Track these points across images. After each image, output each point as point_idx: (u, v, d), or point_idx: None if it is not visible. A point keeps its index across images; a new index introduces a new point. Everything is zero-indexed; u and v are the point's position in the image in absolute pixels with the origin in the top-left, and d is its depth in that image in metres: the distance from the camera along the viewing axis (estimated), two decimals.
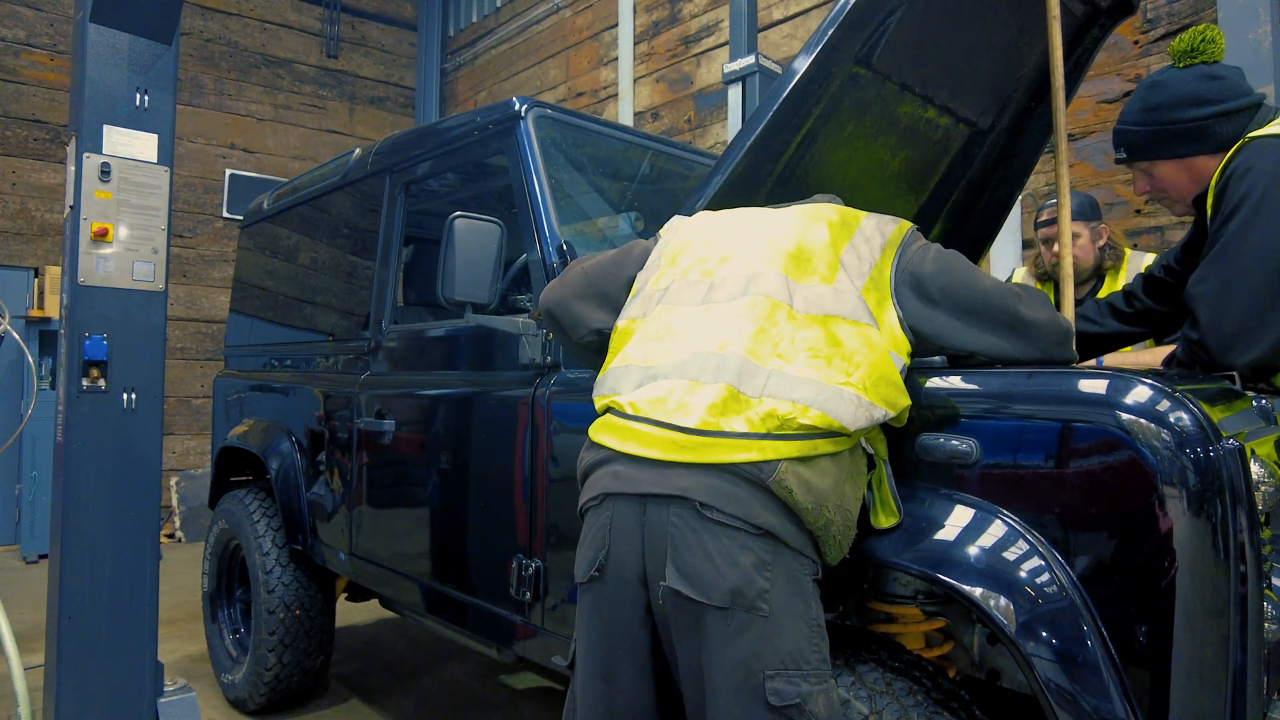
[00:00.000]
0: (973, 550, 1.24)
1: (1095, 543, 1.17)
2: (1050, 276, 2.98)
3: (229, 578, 3.45)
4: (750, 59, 4.06)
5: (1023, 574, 1.20)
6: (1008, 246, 3.93)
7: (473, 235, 1.96)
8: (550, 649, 1.94)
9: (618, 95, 6.25)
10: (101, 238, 2.41)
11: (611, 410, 1.36)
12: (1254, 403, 1.34)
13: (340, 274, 3.07)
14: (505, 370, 2.20)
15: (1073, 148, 3.81)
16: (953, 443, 1.31)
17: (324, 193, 3.16)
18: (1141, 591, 1.12)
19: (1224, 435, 1.12)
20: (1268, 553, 1.16)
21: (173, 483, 6.52)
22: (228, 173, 7.20)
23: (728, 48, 4.85)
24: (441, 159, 2.55)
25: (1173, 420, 1.12)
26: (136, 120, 2.48)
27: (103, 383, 2.42)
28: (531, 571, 1.99)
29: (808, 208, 1.49)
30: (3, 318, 2.63)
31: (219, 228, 7.16)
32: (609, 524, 1.29)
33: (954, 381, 1.36)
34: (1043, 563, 1.19)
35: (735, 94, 4.12)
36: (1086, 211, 2.87)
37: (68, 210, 2.49)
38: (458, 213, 1.97)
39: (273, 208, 3.57)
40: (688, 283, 1.42)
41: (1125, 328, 1.97)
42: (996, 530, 1.24)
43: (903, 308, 1.35)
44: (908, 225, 1.47)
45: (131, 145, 2.47)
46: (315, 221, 3.28)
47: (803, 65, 1.65)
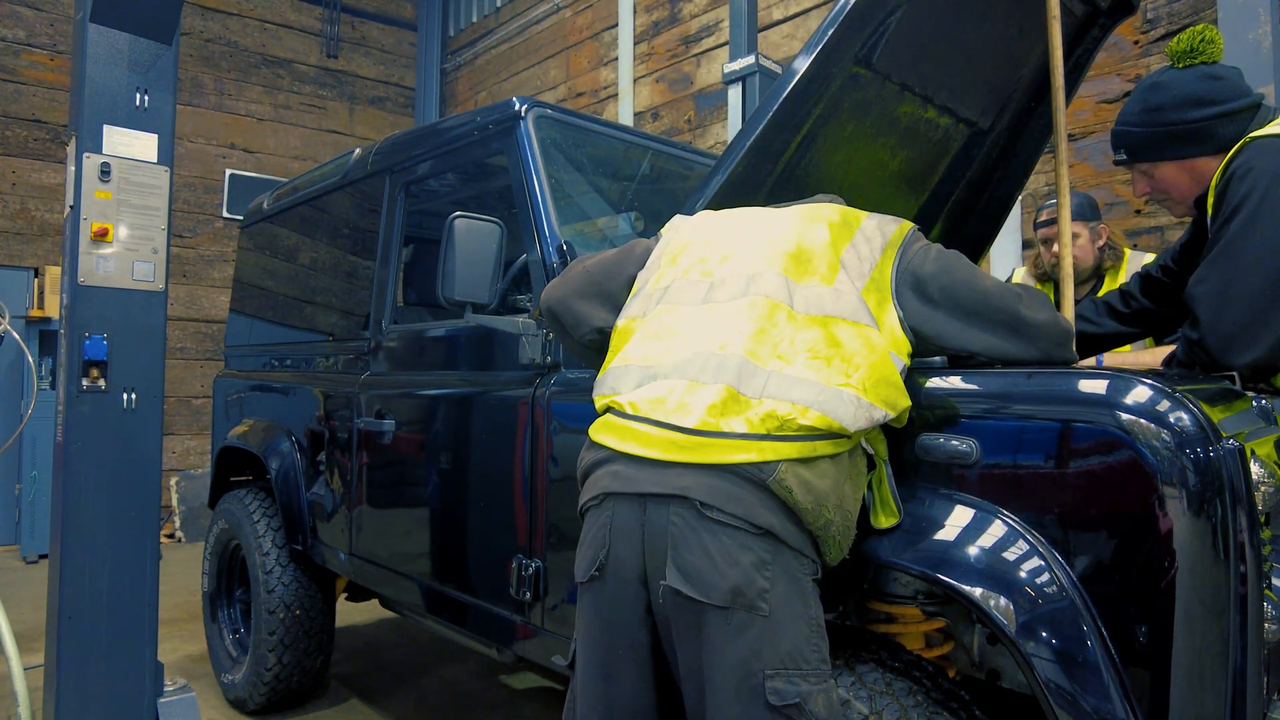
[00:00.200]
0: (973, 550, 1.24)
1: (1095, 543, 1.17)
2: (1050, 276, 2.98)
3: (229, 578, 3.45)
4: (750, 59, 4.06)
5: (1023, 574, 1.20)
6: (1008, 246, 3.93)
7: (473, 235, 1.96)
8: (550, 649, 1.94)
9: (618, 95, 6.25)
10: (101, 238, 2.41)
11: (611, 410, 1.36)
12: (1254, 403, 1.34)
13: (340, 274, 3.07)
14: (505, 370, 2.20)
15: (1073, 148, 3.81)
16: (953, 443, 1.31)
17: (324, 193, 3.16)
18: (1141, 592, 1.12)
19: (1224, 435, 1.12)
20: (1268, 553, 1.16)
21: (173, 483, 6.52)
22: (228, 173, 7.21)
23: (728, 48, 4.84)
24: (441, 159, 2.55)
25: (1173, 420, 1.12)
26: (136, 120, 2.48)
27: (103, 383, 2.43)
28: (531, 571, 1.99)
29: (808, 207, 1.49)
30: (3, 318, 2.62)
31: (219, 228, 7.17)
32: (609, 524, 1.29)
33: (954, 382, 1.36)
34: (1043, 563, 1.19)
35: (735, 94, 4.12)
36: (1086, 211, 2.87)
37: (68, 210, 2.49)
38: (458, 213, 1.97)
39: (273, 208, 3.57)
40: (688, 282, 1.42)
41: (1122, 327, 1.96)
42: (996, 530, 1.24)
43: (903, 308, 1.35)
44: (909, 225, 1.46)
45: (131, 145, 2.47)
46: (315, 221, 3.28)
47: (803, 65, 1.65)
